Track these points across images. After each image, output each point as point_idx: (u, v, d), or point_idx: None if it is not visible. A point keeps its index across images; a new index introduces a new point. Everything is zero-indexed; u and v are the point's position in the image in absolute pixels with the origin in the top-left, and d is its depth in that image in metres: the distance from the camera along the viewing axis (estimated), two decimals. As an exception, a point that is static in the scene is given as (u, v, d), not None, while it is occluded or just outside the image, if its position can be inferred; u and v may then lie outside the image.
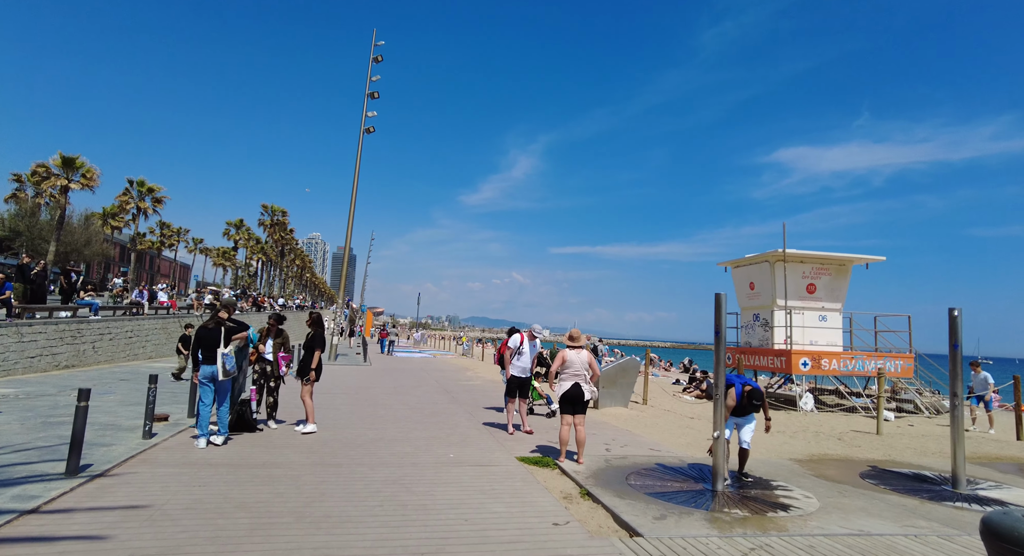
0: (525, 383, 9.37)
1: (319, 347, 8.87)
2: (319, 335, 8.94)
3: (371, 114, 26.51)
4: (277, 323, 9.16)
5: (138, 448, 6.92)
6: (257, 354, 8.96)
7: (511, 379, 9.31)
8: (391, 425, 9.63)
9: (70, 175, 31.22)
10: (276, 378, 9.07)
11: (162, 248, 64.26)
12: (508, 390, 9.38)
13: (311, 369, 8.73)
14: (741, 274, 17.71)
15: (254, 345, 8.81)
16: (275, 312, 9.81)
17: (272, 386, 9.06)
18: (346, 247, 25.25)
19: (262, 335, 9.08)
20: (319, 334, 8.95)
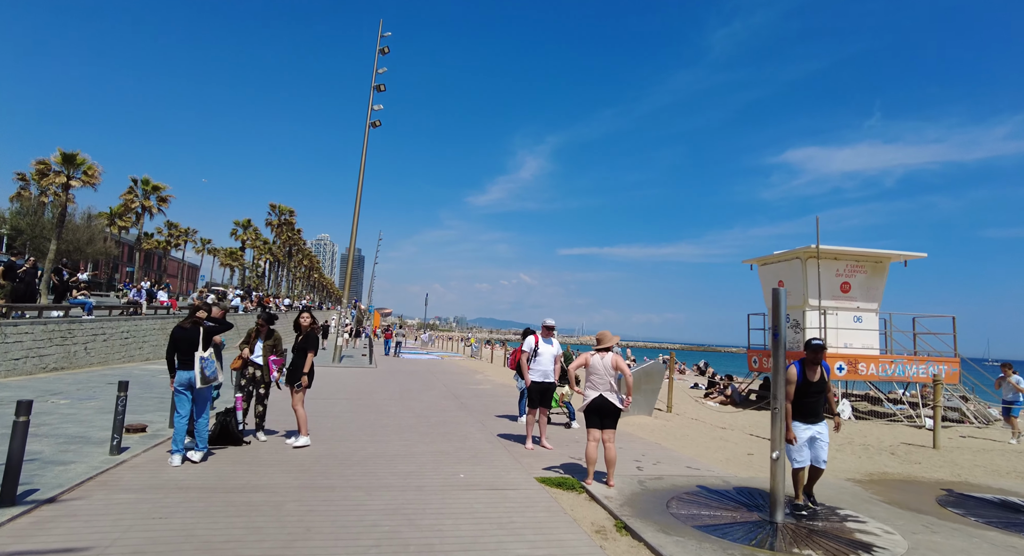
0: (548, 390, 8.31)
1: (311, 349, 7.93)
2: (312, 336, 8.00)
3: (377, 107, 25.65)
4: (267, 323, 8.22)
5: (101, 467, 6.00)
6: (244, 358, 8.03)
7: (531, 386, 8.27)
8: (394, 436, 8.67)
9: (71, 172, 30.48)
10: (266, 384, 8.14)
11: (168, 248, 63.85)
12: (528, 398, 8.33)
13: (303, 374, 7.80)
14: (769, 272, 16.62)
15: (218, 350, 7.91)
16: (265, 311, 8.85)
17: (261, 393, 8.12)
18: (351, 244, 24.39)
19: (250, 336, 8.15)
20: (311, 335, 8.02)
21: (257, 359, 8.10)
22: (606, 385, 6.55)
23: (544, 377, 8.25)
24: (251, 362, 8.10)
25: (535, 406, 8.23)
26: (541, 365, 8.26)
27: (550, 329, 8.41)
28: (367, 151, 25.19)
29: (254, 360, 8.11)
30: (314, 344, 7.97)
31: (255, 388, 8.11)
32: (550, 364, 8.24)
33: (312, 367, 7.98)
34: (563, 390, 10.45)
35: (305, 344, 7.92)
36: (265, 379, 8.09)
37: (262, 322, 8.24)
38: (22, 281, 16.10)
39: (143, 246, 63.59)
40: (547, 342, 8.41)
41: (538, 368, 8.26)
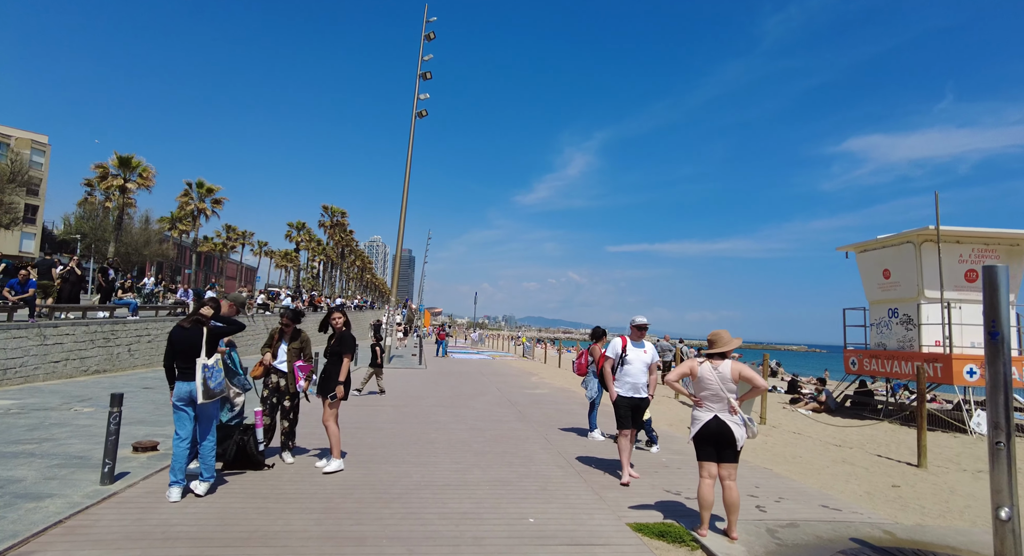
0: (641, 407, 6.60)
1: (348, 353, 6.59)
2: (348, 338, 6.67)
3: (424, 96, 24.51)
4: (293, 322, 6.94)
5: (81, 503, 4.80)
6: (265, 365, 6.78)
7: (619, 401, 6.55)
8: (444, 457, 7.24)
9: (127, 174, 31.02)
10: (292, 395, 6.86)
11: (225, 250, 65.30)
12: (617, 417, 6.58)
13: (338, 383, 6.47)
14: (870, 260, 14.36)
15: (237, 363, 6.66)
16: (291, 308, 7.59)
17: (287, 406, 6.84)
18: (399, 235, 23.34)
19: (273, 339, 6.88)
20: (348, 337, 6.69)
21: (281, 365, 6.84)
22: (723, 403, 4.90)
23: (635, 390, 6.47)
24: (274, 369, 6.84)
25: (626, 427, 6.49)
26: (631, 375, 6.47)
27: (641, 329, 6.60)
28: (413, 141, 24.09)
29: (278, 366, 6.85)
30: (351, 347, 6.63)
31: (280, 400, 6.85)
32: (643, 374, 6.50)
33: (349, 375, 6.65)
34: None
35: (341, 347, 6.59)
36: (291, 389, 6.81)
37: (287, 320, 6.97)
38: (66, 281, 15.70)
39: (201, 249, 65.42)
40: (638, 346, 6.59)
41: (627, 379, 6.47)
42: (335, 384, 6.51)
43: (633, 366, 6.50)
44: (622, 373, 6.53)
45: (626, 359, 6.55)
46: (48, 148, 59.48)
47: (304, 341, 7.05)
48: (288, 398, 6.84)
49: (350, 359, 6.66)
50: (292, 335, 6.95)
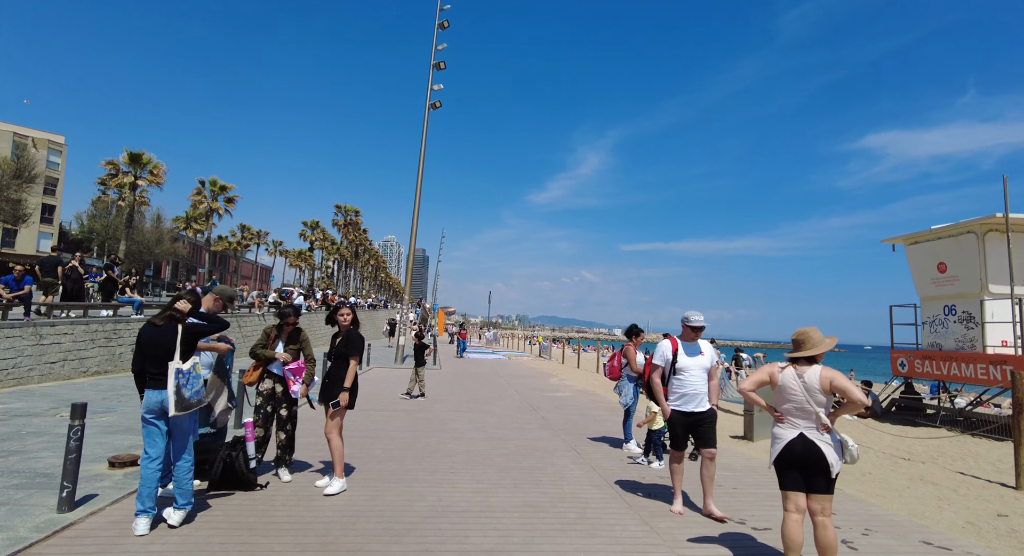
0: (701, 423, 5.30)
1: (355, 355, 5.72)
2: (355, 338, 5.79)
3: (437, 87, 23.66)
4: (283, 319, 6.06)
5: (25, 539, 3.94)
6: (262, 368, 5.91)
7: (675, 418, 5.33)
8: (463, 474, 6.32)
9: (137, 171, 30.57)
10: (291, 403, 5.99)
11: (239, 249, 65.14)
12: (672, 436, 5.44)
13: (343, 389, 5.59)
14: (923, 253, 13.20)
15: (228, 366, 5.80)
16: (287, 304, 6.70)
17: (284, 415, 5.96)
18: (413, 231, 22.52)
19: (269, 338, 6.01)
20: (356, 335, 5.81)
21: (277, 370, 5.97)
22: (810, 419, 3.94)
23: (693, 403, 5.29)
24: (270, 373, 5.98)
25: (680, 447, 5.39)
26: (687, 385, 5.29)
27: (697, 331, 5.40)
28: (427, 134, 23.24)
29: (273, 370, 5.98)
30: (359, 349, 5.76)
31: (276, 408, 5.98)
32: (702, 382, 5.34)
33: (356, 381, 5.78)
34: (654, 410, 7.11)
35: (347, 349, 5.71)
36: (287, 398, 5.95)
37: (293, 320, 6.10)
38: (68, 279, 15.05)
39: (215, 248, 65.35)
40: (693, 350, 5.40)
41: (682, 390, 5.31)
42: (339, 390, 5.64)
43: (689, 374, 5.33)
44: (675, 383, 5.37)
45: (679, 366, 5.37)
46: (64, 148, 59.70)
47: (304, 341, 6.18)
48: (285, 406, 5.97)
49: (357, 362, 5.79)
50: (291, 335, 6.08)
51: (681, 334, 5.55)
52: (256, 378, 5.90)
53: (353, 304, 5.98)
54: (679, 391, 5.36)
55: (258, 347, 5.96)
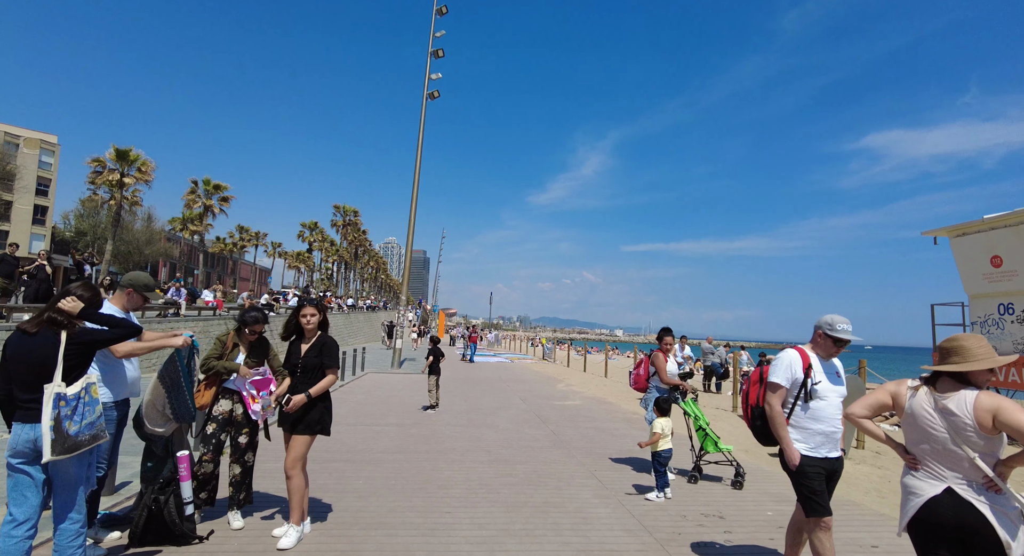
0: (832, 476, 3.64)
1: (333, 367, 4.50)
2: (331, 345, 4.57)
3: (435, 76, 22.47)
4: (251, 325, 4.80)
5: None
6: (217, 385, 4.67)
7: (807, 465, 3.54)
8: (462, 515, 5.07)
9: (124, 168, 29.36)
10: (252, 429, 4.75)
11: (235, 250, 63.98)
12: (805, 494, 3.54)
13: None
14: (973, 245, 11.93)
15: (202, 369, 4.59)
16: (251, 306, 5.42)
17: (243, 444, 4.71)
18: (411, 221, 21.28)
19: (225, 348, 4.77)
20: (330, 343, 4.58)
21: (235, 386, 4.73)
22: (960, 467, 2.72)
23: (829, 445, 3.60)
24: (227, 391, 4.73)
25: (823, 511, 3.48)
26: (822, 419, 3.59)
27: (841, 344, 3.64)
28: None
29: (232, 387, 4.74)
30: (336, 359, 4.54)
31: (232, 436, 4.73)
32: (838, 417, 3.64)
33: (329, 401, 4.57)
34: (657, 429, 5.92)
35: (321, 358, 4.51)
36: (246, 420, 4.71)
37: (259, 327, 4.85)
38: (33, 278, 13.85)
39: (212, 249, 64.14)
40: (830, 370, 3.70)
41: (815, 425, 3.59)
42: (312, 414, 4.42)
43: (826, 403, 3.61)
44: (806, 415, 3.61)
45: (814, 391, 3.59)
46: (57, 148, 58.58)
47: (273, 357, 4.96)
48: (246, 433, 4.71)
49: (335, 377, 4.57)
50: (256, 346, 4.85)
51: (812, 344, 3.78)
52: (211, 398, 4.66)
53: (320, 301, 4.64)
54: (812, 427, 3.58)
55: (213, 357, 4.70)
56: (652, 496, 5.72)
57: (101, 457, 3.90)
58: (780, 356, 3.75)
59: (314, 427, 4.39)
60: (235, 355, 4.76)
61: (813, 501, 3.50)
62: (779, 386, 3.66)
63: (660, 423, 5.95)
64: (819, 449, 3.57)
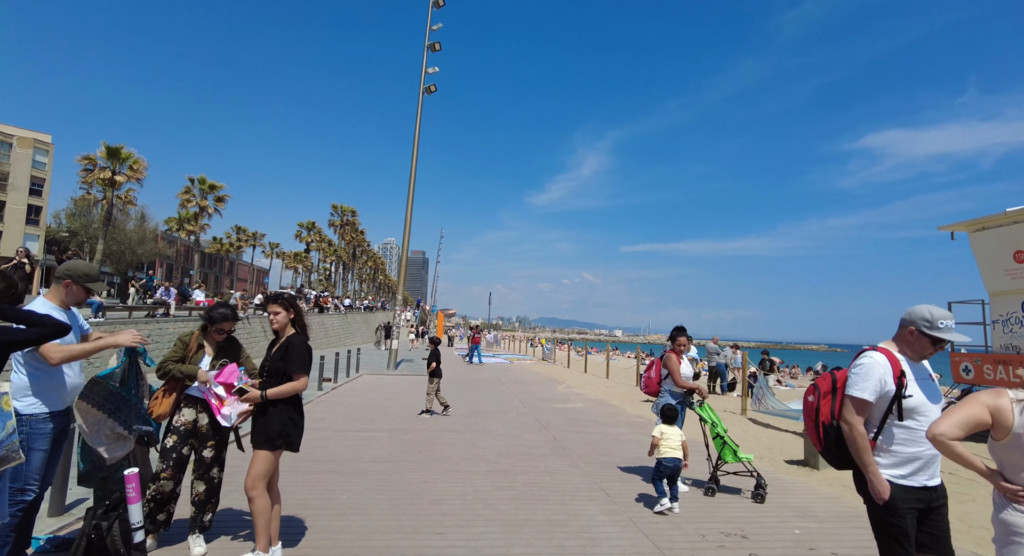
0: (934, 507, 2.78)
1: (300, 371, 3.94)
2: (299, 346, 4.01)
3: (432, 70, 21.93)
4: (216, 323, 4.24)
5: None
6: (178, 392, 4.12)
7: (899, 498, 2.71)
8: (456, 536, 4.52)
9: (116, 166, 28.78)
10: (219, 441, 4.19)
11: (231, 250, 63.41)
12: (889, 536, 2.73)
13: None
14: (993, 240, 11.40)
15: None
16: (220, 302, 4.86)
17: (207, 459, 4.15)
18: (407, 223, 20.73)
19: (188, 350, 4.21)
20: (299, 343, 4.03)
21: (198, 392, 4.17)
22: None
23: (926, 472, 2.77)
24: (190, 399, 4.18)
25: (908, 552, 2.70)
26: (918, 439, 2.73)
27: (939, 344, 2.83)
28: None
29: (196, 394, 4.18)
30: (304, 363, 3.99)
31: (196, 450, 4.17)
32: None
33: (297, 412, 4.02)
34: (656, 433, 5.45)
35: (284, 362, 3.95)
36: (213, 431, 4.15)
37: (229, 327, 4.30)
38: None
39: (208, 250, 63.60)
40: (921, 375, 2.85)
41: (910, 448, 2.75)
42: (272, 425, 3.87)
43: (924, 418, 2.76)
44: (898, 434, 2.78)
45: (908, 406, 2.76)
46: (52, 147, 57.95)
47: (245, 359, 4.41)
48: (211, 446, 4.15)
49: (303, 382, 4.01)
50: (224, 347, 4.30)
51: (899, 345, 2.93)
52: (170, 408, 4.10)
53: (288, 297, 4.18)
54: (906, 450, 2.77)
55: (172, 359, 4.15)
56: (660, 506, 5.22)
57: (30, 478, 3.35)
58: (862, 362, 2.87)
59: (275, 440, 3.82)
60: (199, 358, 4.21)
61: (897, 546, 2.70)
62: (864, 402, 2.79)
63: (660, 428, 5.48)
64: (916, 477, 2.76)
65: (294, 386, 3.93)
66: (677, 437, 5.43)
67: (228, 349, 4.31)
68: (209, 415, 4.13)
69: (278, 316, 4.10)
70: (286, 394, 3.90)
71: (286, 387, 3.91)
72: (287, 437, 3.90)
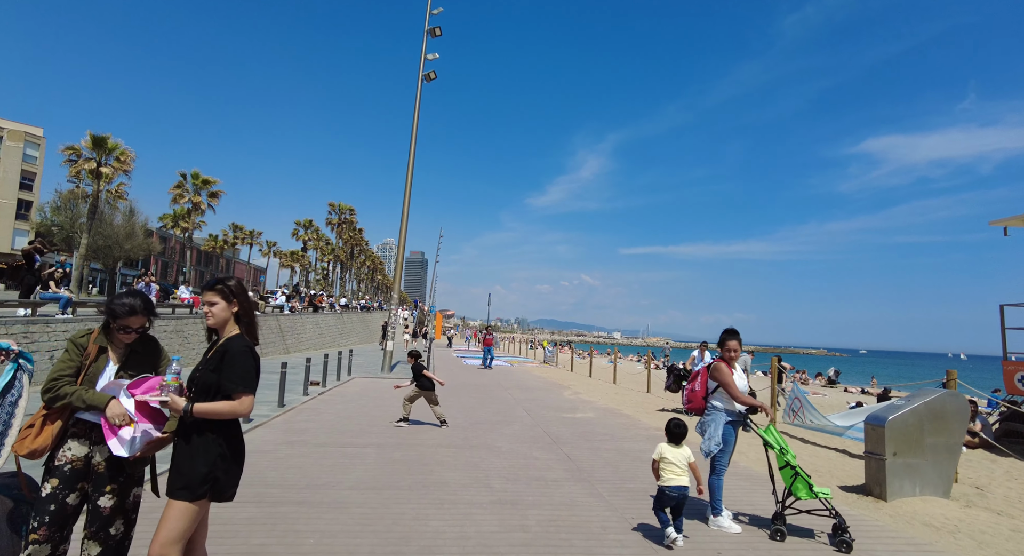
0: None
1: (241, 389, 2.76)
2: (241, 350, 2.84)
3: (431, 56, 20.79)
4: (120, 319, 3.05)
5: None
6: (63, 421, 2.93)
7: None
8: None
9: (101, 157, 27.57)
10: (123, 484, 2.98)
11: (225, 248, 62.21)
12: None
13: (212, 459, 2.68)
14: (1055, 235, 10.26)
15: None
16: (127, 290, 3.63)
17: (103, 510, 2.93)
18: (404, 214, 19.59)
19: (87, 357, 3.03)
20: (240, 348, 2.85)
21: (95, 417, 2.98)
22: None
23: None
24: (80, 425, 2.99)
25: None
26: None
27: None
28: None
29: (87, 419, 2.98)
30: (244, 376, 2.80)
31: (90, 497, 2.97)
32: None
33: (233, 446, 2.85)
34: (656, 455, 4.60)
35: (220, 374, 2.79)
36: (119, 471, 2.96)
37: (138, 323, 3.11)
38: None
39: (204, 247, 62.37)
40: None
41: None
42: (194, 462, 2.71)
43: None
44: None
45: None
46: (43, 141, 56.77)
47: (164, 361, 3.25)
48: (111, 491, 2.95)
49: (244, 403, 2.82)
50: (136, 352, 3.14)
51: None
52: (52, 440, 2.91)
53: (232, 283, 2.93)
54: None
55: (64, 375, 2.94)
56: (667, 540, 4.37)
57: None
58: None
59: (196, 486, 2.66)
60: (102, 366, 3.03)
61: None
62: None
63: (661, 449, 4.58)
64: None
65: (232, 408, 2.76)
66: (683, 460, 4.49)
67: (142, 354, 3.15)
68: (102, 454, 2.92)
69: (214, 308, 2.95)
70: (219, 415, 2.74)
71: (221, 406, 2.74)
72: (215, 482, 2.73)
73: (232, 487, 2.83)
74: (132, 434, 2.87)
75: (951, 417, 6.26)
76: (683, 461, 4.46)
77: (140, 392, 2.89)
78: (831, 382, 29.52)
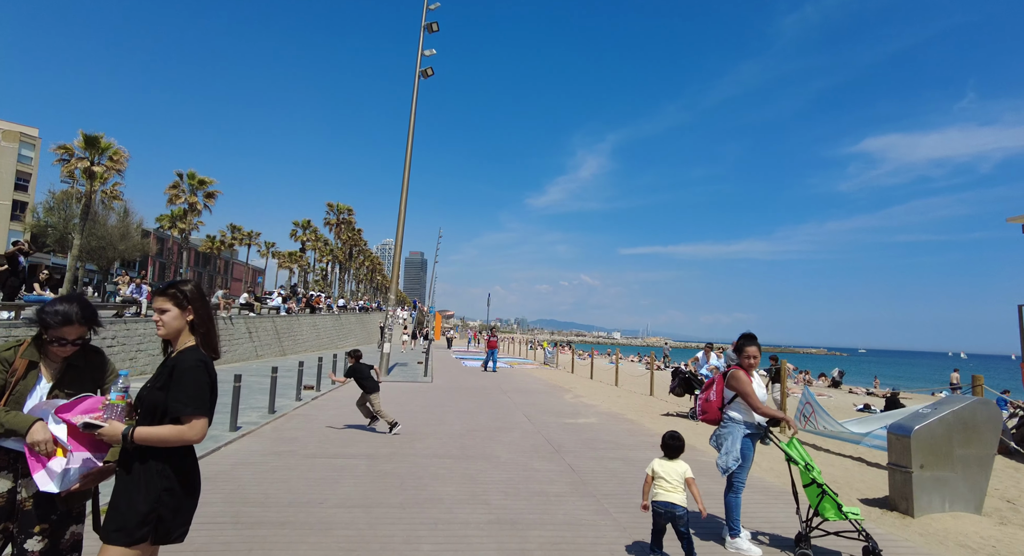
0: None
1: (189, 411, 2.33)
2: (189, 366, 2.40)
3: (428, 52, 20.36)
4: (53, 329, 2.62)
5: None
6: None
7: None
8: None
9: (94, 157, 27.13)
10: (53, 521, 2.56)
11: (223, 248, 61.76)
12: None
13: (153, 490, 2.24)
14: (1078, 232, 9.82)
15: None
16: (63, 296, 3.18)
17: (32, 553, 2.51)
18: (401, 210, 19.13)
19: (12, 372, 2.60)
20: (188, 363, 2.42)
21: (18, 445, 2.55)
22: None
23: None
24: (6, 456, 2.57)
25: None
26: None
27: None
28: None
29: (10, 447, 2.55)
30: (196, 394, 2.37)
31: (15, 540, 2.55)
32: None
33: (184, 480, 2.41)
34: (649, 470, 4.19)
35: (172, 393, 2.35)
36: (50, 508, 2.53)
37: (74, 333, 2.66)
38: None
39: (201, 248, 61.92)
40: None
41: None
42: (138, 498, 2.28)
43: None
44: None
45: None
46: (39, 141, 56.35)
47: (111, 374, 2.83)
48: (40, 532, 2.52)
49: (195, 427, 2.39)
50: (79, 364, 2.71)
51: None
52: None
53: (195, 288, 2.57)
54: None
55: None
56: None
57: None
58: None
59: (134, 528, 2.24)
60: (31, 384, 2.61)
61: None
62: None
63: (654, 464, 4.17)
64: None
65: (178, 433, 2.32)
66: (676, 474, 4.06)
67: (84, 369, 2.72)
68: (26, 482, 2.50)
69: (165, 316, 2.51)
70: (164, 442, 2.31)
71: (165, 432, 2.31)
72: (158, 522, 2.30)
73: (182, 526, 2.40)
74: (65, 465, 2.44)
75: (982, 426, 5.83)
76: (676, 476, 4.02)
77: (72, 414, 2.46)
78: (835, 383, 29.08)
